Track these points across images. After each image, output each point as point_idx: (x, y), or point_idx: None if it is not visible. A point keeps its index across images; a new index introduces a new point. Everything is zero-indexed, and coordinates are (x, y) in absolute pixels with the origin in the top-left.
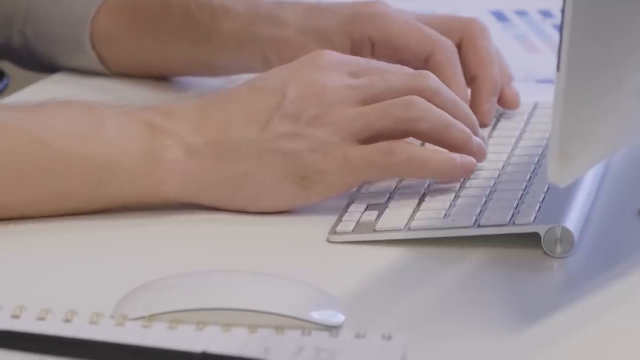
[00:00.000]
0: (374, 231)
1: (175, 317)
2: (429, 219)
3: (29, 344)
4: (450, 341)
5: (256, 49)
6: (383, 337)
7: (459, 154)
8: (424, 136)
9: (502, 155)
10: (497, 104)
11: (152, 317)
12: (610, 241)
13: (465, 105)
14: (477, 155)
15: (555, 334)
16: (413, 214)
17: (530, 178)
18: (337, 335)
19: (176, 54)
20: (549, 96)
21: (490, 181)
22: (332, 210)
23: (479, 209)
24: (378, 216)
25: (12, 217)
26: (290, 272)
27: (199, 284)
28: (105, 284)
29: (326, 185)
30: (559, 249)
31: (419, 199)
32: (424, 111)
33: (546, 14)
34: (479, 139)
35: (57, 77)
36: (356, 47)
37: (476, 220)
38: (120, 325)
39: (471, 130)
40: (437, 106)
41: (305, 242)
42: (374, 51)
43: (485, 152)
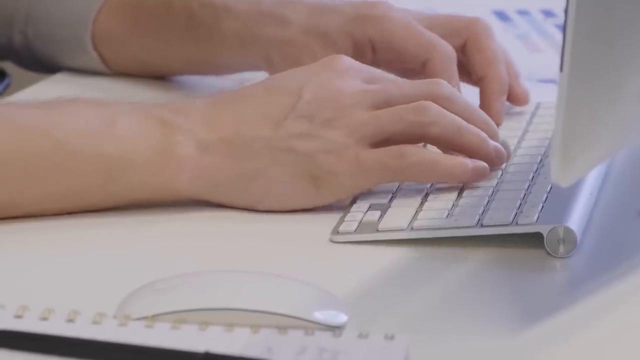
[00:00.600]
0: (377, 231)
1: (178, 317)
2: (431, 219)
3: (32, 344)
4: (453, 341)
5: (258, 48)
6: (386, 337)
7: (472, 159)
8: (436, 140)
9: None
10: (506, 101)
11: (155, 317)
12: (613, 241)
13: (481, 112)
14: (494, 159)
15: (558, 333)
16: (416, 214)
17: (532, 178)
18: (340, 335)
19: (178, 53)
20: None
21: (493, 181)
22: (335, 210)
23: (481, 208)
24: (381, 216)
25: (23, 214)
26: (292, 272)
27: (202, 284)
28: (109, 283)
29: (337, 186)
30: (561, 249)
31: (421, 199)
32: (436, 116)
33: (548, 13)
34: (496, 143)
35: (59, 77)
36: (357, 48)
37: (479, 220)
38: (123, 325)
39: (489, 136)
40: (452, 112)
41: (308, 242)
42: (375, 53)
43: (504, 156)
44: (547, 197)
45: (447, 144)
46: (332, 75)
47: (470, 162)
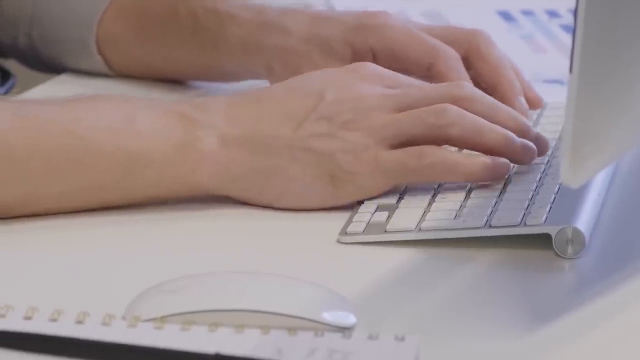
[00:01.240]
0: (385, 232)
1: (187, 318)
2: (439, 219)
3: (42, 346)
4: (462, 342)
5: (261, 56)
6: (396, 338)
7: (492, 157)
8: (457, 142)
9: None
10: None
11: (165, 319)
12: (621, 242)
13: (507, 109)
14: (522, 155)
15: (567, 335)
16: (424, 214)
17: (540, 179)
18: (350, 336)
19: (182, 58)
20: (556, 96)
21: (501, 182)
22: (342, 210)
23: (489, 209)
24: (388, 217)
25: (42, 211)
26: (300, 273)
27: (211, 285)
28: (117, 283)
29: (356, 186)
30: (570, 250)
31: (429, 200)
32: (455, 117)
33: (552, 13)
34: (523, 140)
35: (64, 78)
36: (358, 57)
37: (487, 221)
38: (133, 326)
39: (520, 131)
40: (477, 113)
41: (316, 242)
42: (376, 61)
43: (534, 151)
44: (554, 198)
45: (468, 144)
46: (355, 79)
47: (490, 160)
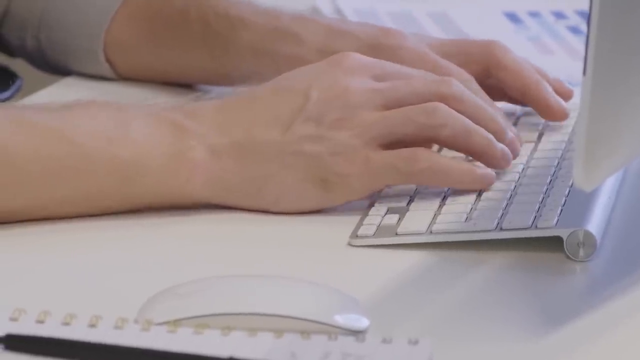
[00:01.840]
0: (396, 235)
1: (200, 321)
2: (450, 222)
3: (56, 350)
4: (475, 345)
5: (271, 62)
6: (410, 342)
7: (481, 166)
8: (446, 143)
9: (522, 158)
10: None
11: (177, 322)
12: (632, 244)
13: (491, 110)
14: (501, 161)
15: (579, 337)
16: (434, 217)
17: (550, 181)
18: (364, 340)
19: (193, 62)
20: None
21: (511, 184)
22: (353, 213)
23: (500, 212)
24: (399, 220)
25: (43, 217)
26: (312, 276)
27: (223, 289)
28: (127, 286)
29: (347, 188)
30: (581, 253)
31: (439, 202)
32: (446, 118)
33: (559, 15)
34: (502, 146)
35: (70, 81)
36: None
37: (498, 223)
38: (146, 330)
39: (498, 135)
40: (461, 113)
41: (327, 245)
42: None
43: (510, 158)
44: (565, 200)
45: (456, 146)
46: (340, 74)
47: (479, 170)
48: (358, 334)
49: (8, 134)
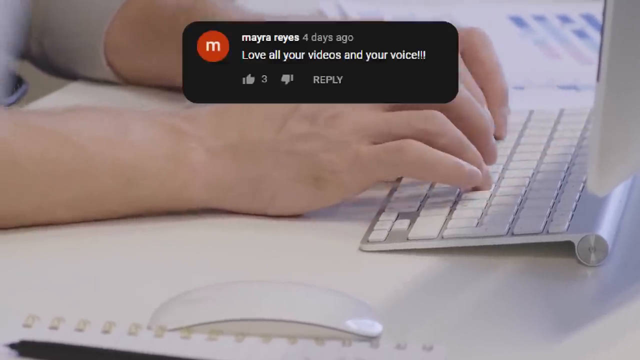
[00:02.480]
0: (407, 240)
1: (213, 327)
2: (461, 227)
3: (70, 356)
4: (487, 351)
5: None
6: (424, 348)
7: (467, 163)
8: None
9: (532, 163)
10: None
11: (191, 328)
12: None
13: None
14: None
15: (591, 343)
16: (445, 222)
17: (561, 186)
18: (378, 345)
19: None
20: (572, 102)
21: (521, 189)
22: (364, 219)
23: (511, 217)
24: (410, 225)
25: (48, 221)
26: (323, 282)
27: (236, 295)
28: (138, 292)
29: (339, 185)
30: (593, 258)
31: (450, 207)
32: (444, 126)
33: (564, 19)
34: (486, 169)
35: (74, 86)
36: None
37: (509, 229)
38: (159, 336)
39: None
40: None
41: (338, 251)
42: None
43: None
44: (576, 205)
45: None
46: None
47: (466, 166)
48: (372, 339)
49: (13, 136)
